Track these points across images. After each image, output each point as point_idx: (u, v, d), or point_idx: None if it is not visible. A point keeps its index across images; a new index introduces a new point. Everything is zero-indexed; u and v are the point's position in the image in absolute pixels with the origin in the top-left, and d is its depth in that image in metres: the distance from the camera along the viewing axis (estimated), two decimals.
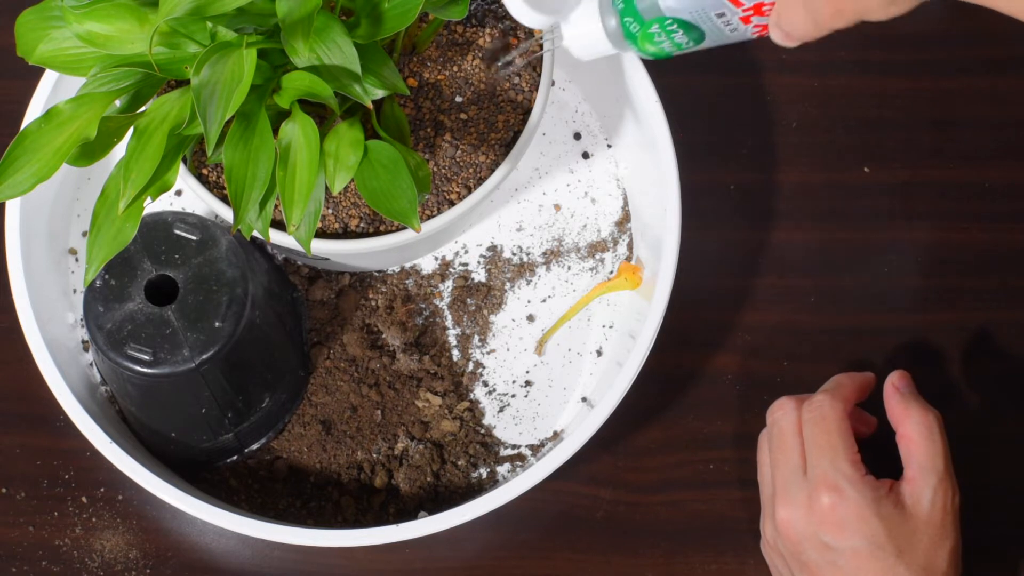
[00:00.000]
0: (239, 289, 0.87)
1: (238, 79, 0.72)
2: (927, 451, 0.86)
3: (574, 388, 0.97)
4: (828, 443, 0.85)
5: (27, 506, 0.96)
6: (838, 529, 0.83)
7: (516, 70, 0.87)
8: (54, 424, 0.96)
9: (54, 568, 0.95)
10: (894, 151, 1.03)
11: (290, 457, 0.95)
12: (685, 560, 0.95)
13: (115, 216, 0.75)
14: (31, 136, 0.75)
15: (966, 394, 0.98)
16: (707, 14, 0.72)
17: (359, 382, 0.96)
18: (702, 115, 1.03)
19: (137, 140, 0.74)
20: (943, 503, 0.84)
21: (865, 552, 0.83)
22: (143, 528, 0.96)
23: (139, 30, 0.76)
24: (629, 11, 0.73)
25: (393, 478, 0.95)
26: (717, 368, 0.99)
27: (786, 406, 0.88)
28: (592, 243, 0.99)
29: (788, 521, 0.85)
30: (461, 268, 0.99)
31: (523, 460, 0.95)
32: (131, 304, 0.87)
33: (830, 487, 0.84)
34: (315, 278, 0.98)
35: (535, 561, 0.95)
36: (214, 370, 0.87)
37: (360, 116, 0.81)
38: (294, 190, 0.76)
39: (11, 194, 0.75)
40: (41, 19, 0.78)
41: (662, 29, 0.73)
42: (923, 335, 0.99)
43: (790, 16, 0.70)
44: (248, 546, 0.95)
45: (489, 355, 0.98)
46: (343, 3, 0.78)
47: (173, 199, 1.00)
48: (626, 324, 0.97)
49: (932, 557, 0.83)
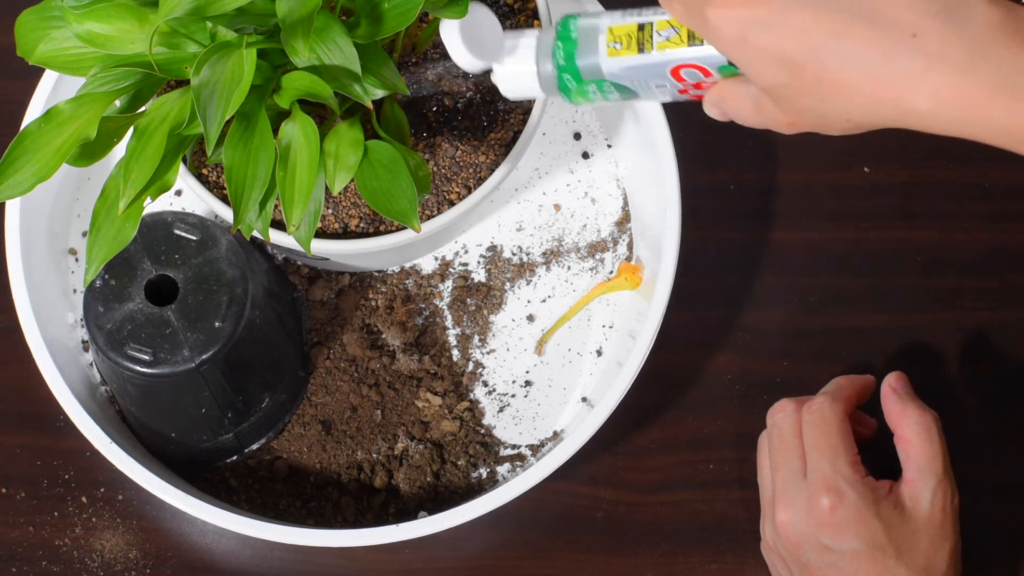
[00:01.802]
0: (239, 289, 0.87)
1: (238, 79, 0.72)
2: (925, 452, 0.86)
3: (574, 388, 0.97)
4: (828, 445, 0.85)
5: (27, 506, 0.96)
6: (837, 531, 0.83)
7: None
8: (54, 424, 0.96)
9: (54, 568, 0.95)
10: (894, 151, 1.03)
11: (290, 457, 0.95)
12: (685, 560, 0.95)
13: (115, 216, 0.75)
14: (31, 136, 0.75)
15: (965, 394, 0.98)
16: (647, 83, 0.73)
17: (359, 382, 0.96)
18: (702, 115, 1.03)
19: (137, 140, 0.74)
20: (942, 504, 0.84)
21: (865, 554, 0.83)
22: (143, 528, 0.96)
23: (139, 30, 0.76)
24: (569, 69, 0.73)
25: (393, 478, 0.95)
26: (717, 368, 0.99)
27: (786, 408, 0.88)
28: (592, 243, 0.99)
29: (788, 523, 0.85)
30: (461, 268, 0.99)
31: (523, 460, 0.95)
32: (131, 304, 0.87)
33: (830, 489, 0.84)
34: (315, 278, 0.98)
35: (535, 561, 0.95)
36: (214, 370, 0.87)
37: (360, 116, 0.81)
38: (294, 190, 0.76)
39: (11, 194, 0.75)
40: (41, 19, 0.78)
41: (599, 88, 0.74)
42: (923, 335, 0.99)
43: (736, 106, 0.70)
44: (248, 546, 0.95)
45: (489, 355, 0.98)
46: (343, 3, 0.78)
47: (173, 199, 1.00)
48: (626, 324, 0.97)
49: (932, 558, 0.83)
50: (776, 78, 0.65)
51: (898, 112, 0.63)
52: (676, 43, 0.71)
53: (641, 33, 0.72)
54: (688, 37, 0.71)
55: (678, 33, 0.71)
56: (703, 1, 0.67)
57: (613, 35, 0.72)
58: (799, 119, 0.67)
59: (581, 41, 0.73)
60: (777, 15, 0.64)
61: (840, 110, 0.65)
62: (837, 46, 0.63)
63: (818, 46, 0.63)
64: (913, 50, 0.62)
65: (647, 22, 0.72)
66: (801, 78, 0.65)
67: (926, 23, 0.62)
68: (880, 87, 0.63)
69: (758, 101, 0.69)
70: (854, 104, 0.64)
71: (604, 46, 0.72)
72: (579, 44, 0.73)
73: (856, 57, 0.63)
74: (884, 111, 0.64)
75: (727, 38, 0.66)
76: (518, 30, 0.76)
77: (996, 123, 0.61)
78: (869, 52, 0.62)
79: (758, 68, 0.66)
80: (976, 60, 0.61)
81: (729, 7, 0.65)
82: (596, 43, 0.72)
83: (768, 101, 0.68)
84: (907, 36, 0.62)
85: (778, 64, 0.65)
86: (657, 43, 0.71)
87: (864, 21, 0.63)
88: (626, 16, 0.73)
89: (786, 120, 0.68)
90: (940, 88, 0.61)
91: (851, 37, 0.63)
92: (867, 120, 0.65)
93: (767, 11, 0.65)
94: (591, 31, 0.73)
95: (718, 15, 0.66)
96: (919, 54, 0.62)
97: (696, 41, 0.71)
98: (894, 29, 0.62)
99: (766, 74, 0.66)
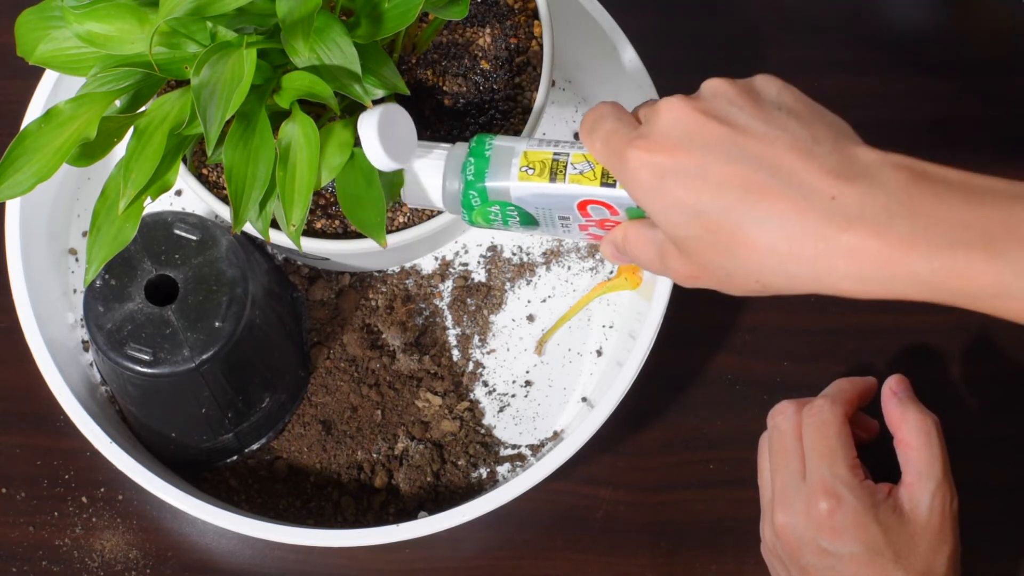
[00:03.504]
0: (239, 289, 0.87)
1: (238, 79, 0.72)
2: (925, 456, 0.86)
3: (574, 388, 0.97)
4: (827, 448, 0.85)
5: (27, 506, 0.96)
6: (836, 535, 0.83)
7: None
8: (54, 424, 0.96)
9: (54, 568, 0.95)
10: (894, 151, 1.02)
11: (290, 457, 0.95)
12: (685, 560, 0.95)
13: (115, 216, 0.75)
14: (31, 136, 0.75)
15: (966, 395, 0.98)
16: (551, 214, 0.73)
17: (359, 382, 0.96)
18: None
19: (137, 140, 0.74)
20: (941, 508, 0.84)
21: (863, 558, 0.83)
22: (143, 528, 0.96)
23: (139, 30, 0.76)
24: (476, 186, 0.74)
25: (393, 478, 0.95)
26: (717, 368, 0.99)
27: (786, 410, 0.88)
28: (592, 243, 0.99)
29: (787, 526, 0.85)
30: (461, 268, 0.99)
31: (523, 460, 0.95)
32: (131, 304, 0.87)
33: (828, 493, 0.84)
34: (315, 278, 0.98)
35: (535, 561, 0.95)
36: (214, 370, 0.87)
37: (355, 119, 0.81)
38: (294, 190, 0.76)
39: (11, 194, 0.75)
40: (41, 19, 0.78)
41: (502, 211, 0.74)
42: (923, 335, 0.99)
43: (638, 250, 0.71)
44: (248, 546, 0.95)
45: (489, 355, 0.98)
46: (343, 3, 0.78)
47: (173, 199, 1.00)
48: (626, 324, 0.97)
49: (931, 562, 0.83)
50: (688, 230, 0.66)
51: (813, 273, 0.63)
52: (589, 179, 0.72)
53: (555, 163, 0.73)
54: (601, 175, 0.72)
55: (592, 169, 0.72)
56: (625, 143, 0.67)
57: (527, 160, 0.73)
58: (703, 274, 0.67)
59: (494, 160, 0.74)
60: (697, 167, 0.65)
61: (750, 270, 0.65)
62: (754, 203, 0.64)
63: (735, 202, 0.64)
64: (831, 211, 0.62)
65: (563, 153, 0.73)
66: (714, 232, 0.65)
67: (843, 187, 0.63)
68: (796, 246, 0.63)
69: (662, 248, 0.69)
70: (765, 265, 0.64)
71: (516, 169, 0.73)
72: (491, 162, 0.74)
73: (773, 216, 0.63)
74: (797, 272, 0.64)
75: (643, 183, 0.66)
76: (431, 142, 0.77)
77: (916, 275, 0.62)
78: (786, 212, 0.63)
79: (670, 217, 0.66)
80: (893, 217, 0.62)
81: (650, 152, 0.66)
82: (509, 165, 0.73)
83: (673, 250, 0.68)
84: (826, 198, 0.63)
85: (691, 215, 0.65)
86: (570, 175, 0.72)
87: (782, 183, 0.63)
88: (543, 144, 0.74)
89: (688, 273, 0.68)
90: (859, 245, 0.62)
91: (769, 197, 0.63)
92: (776, 282, 0.65)
93: (688, 161, 0.65)
94: (505, 152, 0.74)
95: (637, 159, 0.66)
96: (837, 215, 0.62)
97: (608, 180, 0.72)
98: (812, 191, 0.63)
99: (678, 224, 0.66)
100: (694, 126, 0.66)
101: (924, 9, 1.07)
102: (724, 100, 0.67)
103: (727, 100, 0.67)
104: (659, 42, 1.01)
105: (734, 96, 0.67)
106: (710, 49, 1.05)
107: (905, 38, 1.05)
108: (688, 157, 0.65)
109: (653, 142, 0.66)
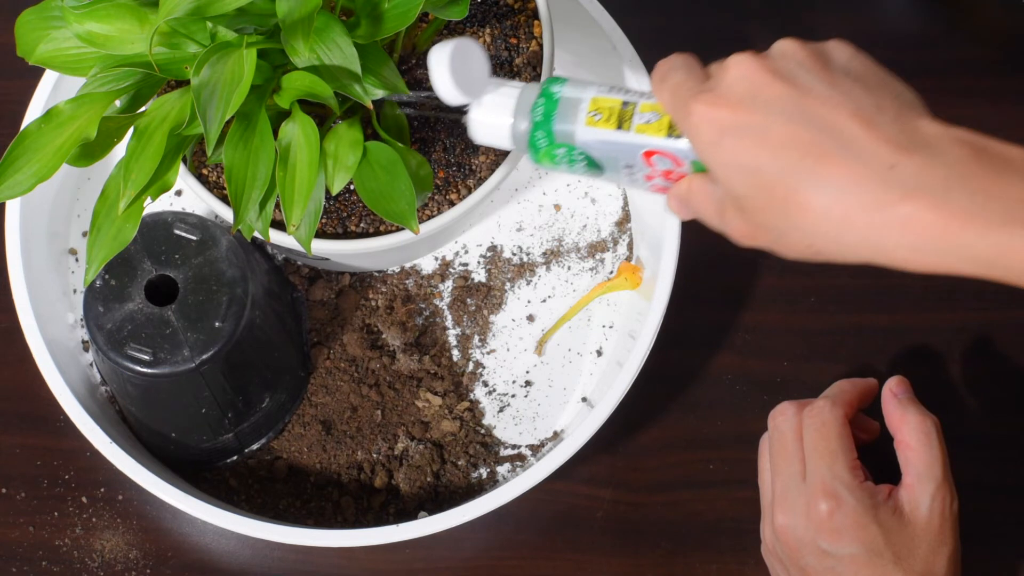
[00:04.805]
0: (239, 289, 0.87)
1: (238, 79, 0.72)
2: (925, 457, 0.85)
3: (574, 388, 0.97)
4: (827, 449, 0.85)
5: (27, 506, 0.96)
6: (836, 536, 0.83)
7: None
8: (54, 424, 0.97)
9: (54, 568, 0.95)
10: None
11: (290, 457, 0.95)
12: (685, 560, 0.95)
13: (115, 216, 0.75)
14: (31, 136, 0.75)
15: (966, 395, 0.98)
16: (617, 161, 0.73)
17: (359, 382, 0.96)
18: None
19: (137, 140, 0.74)
20: (941, 509, 0.84)
21: (863, 559, 0.83)
22: (143, 528, 0.96)
23: (139, 30, 0.76)
24: (544, 127, 0.74)
25: (393, 478, 0.95)
26: (717, 368, 0.99)
27: (787, 411, 0.88)
28: (592, 243, 0.99)
29: (787, 527, 0.85)
30: (461, 268, 0.99)
31: (523, 460, 0.95)
32: (131, 304, 0.87)
33: (828, 494, 0.84)
34: (315, 278, 0.98)
35: (535, 561, 0.95)
36: (214, 370, 0.87)
37: (360, 116, 0.81)
38: (294, 190, 0.76)
39: (11, 194, 0.75)
40: (41, 19, 0.78)
41: (568, 154, 0.74)
42: (923, 335, 0.99)
43: (701, 204, 0.70)
44: (248, 546, 0.95)
45: (489, 355, 0.98)
46: (343, 3, 0.78)
47: (173, 199, 1.00)
48: (626, 324, 0.97)
49: (930, 563, 0.83)
50: (745, 188, 0.65)
51: (866, 241, 0.63)
52: (655, 129, 0.72)
53: (624, 110, 0.72)
54: (668, 126, 0.71)
55: (659, 119, 0.72)
56: (690, 96, 0.67)
57: (596, 106, 0.73)
58: (758, 233, 0.67)
59: (563, 103, 0.73)
60: (758, 125, 0.65)
61: (804, 234, 0.65)
62: (812, 167, 0.63)
63: (793, 163, 0.64)
64: (889, 180, 0.62)
65: (632, 102, 0.73)
66: (770, 192, 0.65)
67: (903, 157, 0.62)
68: (851, 212, 0.63)
69: (722, 204, 0.69)
70: (818, 229, 0.64)
71: (584, 114, 0.73)
72: (560, 106, 0.73)
73: (830, 181, 0.63)
74: (850, 240, 0.63)
75: (705, 138, 0.66)
76: (504, 79, 0.76)
77: (970, 250, 0.62)
78: (843, 178, 0.63)
79: (728, 174, 0.66)
80: (951, 190, 0.62)
81: (714, 107, 0.66)
82: (577, 109, 0.73)
83: (731, 207, 0.68)
84: (884, 167, 0.62)
85: (749, 173, 0.65)
86: (637, 124, 0.72)
87: (842, 148, 0.63)
88: (613, 91, 0.73)
89: (744, 231, 0.68)
90: (914, 216, 0.62)
91: (827, 161, 0.63)
92: (829, 248, 0.65)
93: (750, 119, 0.65)
94: (575, 96, 0.73)
95: (701, 113, 0.66)
96: (895, 184, 0.62)
97: (675, 132, 0.71)
98: (871, 159, 0.63)
99: (736, 181, 0.66)
100: (759, 84, 0.65)
101: (923, 9, 1.07)
102: (793, 61, 0.66)
103: (796, 61, 0.66)
104: (659, 42, 1.01)
105: (803, 58, 0.66)
106: (710, 49, 1.05)
107: (905, 38, 1.05)
108: (750, 115, 0.65)
109: (718, 96, 0.66)
